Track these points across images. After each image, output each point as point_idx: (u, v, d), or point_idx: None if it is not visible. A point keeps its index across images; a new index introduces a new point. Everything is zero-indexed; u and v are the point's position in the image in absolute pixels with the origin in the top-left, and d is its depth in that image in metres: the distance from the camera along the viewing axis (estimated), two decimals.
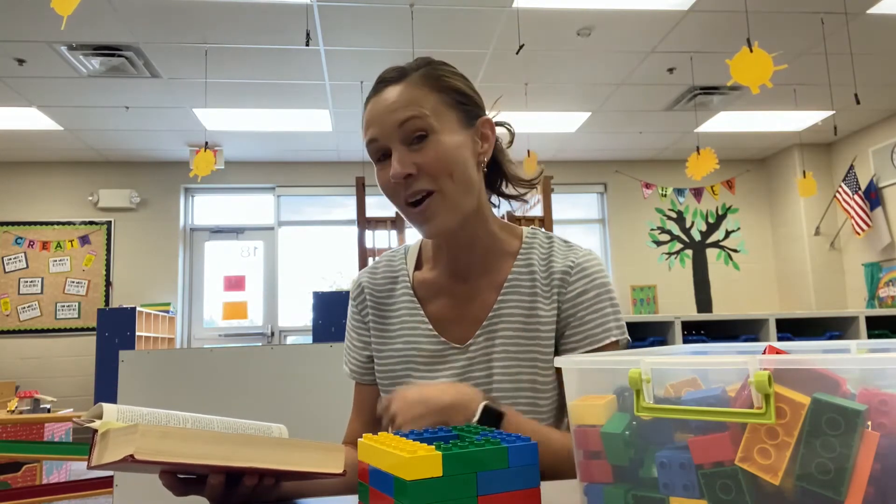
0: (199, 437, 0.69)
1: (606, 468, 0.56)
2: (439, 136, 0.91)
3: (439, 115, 0.92)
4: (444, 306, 1.01)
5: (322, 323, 4.03)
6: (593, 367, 0.60)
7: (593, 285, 0.97)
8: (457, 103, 0.95)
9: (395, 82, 0.94)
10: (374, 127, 0.93)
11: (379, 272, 1.08)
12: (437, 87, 0.94)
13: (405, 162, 0.90)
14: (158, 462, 0.66)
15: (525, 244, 1.02)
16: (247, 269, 6.86)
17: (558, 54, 4.63)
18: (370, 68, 4.74)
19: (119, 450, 0.66)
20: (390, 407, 0.82)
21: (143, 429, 0.66)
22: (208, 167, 4.43)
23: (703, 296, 7.13)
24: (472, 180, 0.94)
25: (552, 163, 7.09)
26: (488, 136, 0.98)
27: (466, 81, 0.99)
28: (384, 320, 1.05)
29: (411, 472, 0.54)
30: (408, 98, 0.91)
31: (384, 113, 0.92)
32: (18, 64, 4.44)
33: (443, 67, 0.98)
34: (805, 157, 6.90)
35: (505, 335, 0.97)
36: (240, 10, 3.91)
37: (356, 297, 1.08)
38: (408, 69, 0.96)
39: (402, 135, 0.91)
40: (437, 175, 0.90)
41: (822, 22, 4.24)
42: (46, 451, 3.55)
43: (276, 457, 0.73)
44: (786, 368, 0.46)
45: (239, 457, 0.71)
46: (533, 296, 0.98)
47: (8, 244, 6.41)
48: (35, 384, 6.02)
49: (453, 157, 0.91)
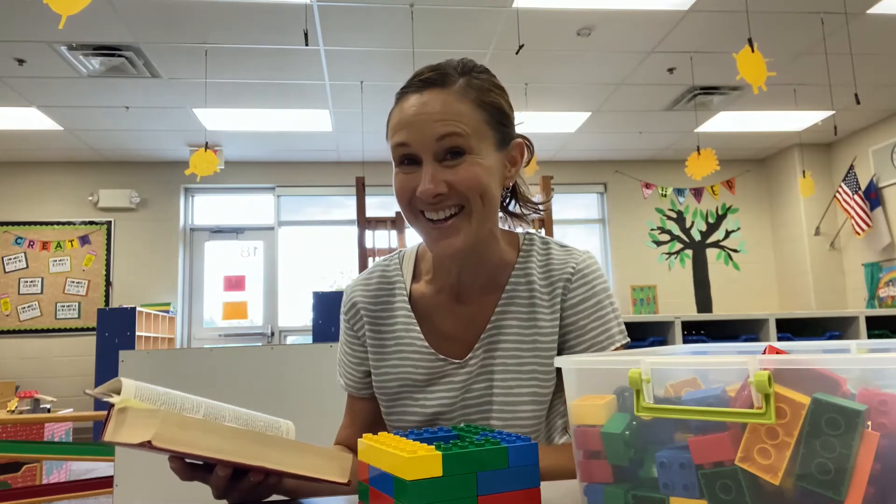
0: (216, 431, 0.71)
1: (606, 468, 0.56)
2: (476, 158, 0.87)
3: (480, 134, 0.88)
4: (442, 322, 0.98)
5: (322, 323, 4.03)
6: (593, 367, 0.60)
7: (594, 292, 0.96)
8: (496, 123, 0.91)
9: (438, 86, 0.88)
10: (409, 132, 0.87)
11: (373, 284, 1.03)
12: (481, 102, 0.89)
13: (437, 180, 0.86)
14: (174, 451, 0.68)
15: (523, 252, 1.00)
16: (247, 269, 6.86)
17: (558, 54, 4.63)
18: (370, 68, 4.74)
19: (137, 432, 0.68)
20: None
21: (163, 415, 0.68)
22: (209, 167, 4.43)
23: (703, 296, 7.14)
24: (496, 205, 0.92)
25: (552, 163, 7.09)
26: (517, 161, 0.95)
27: (506, 96, 0.95)
28: (380, 336, 1.01)
29: (411, 472, 0.54)
30: (452, 111, 0.86)
31: (425, 121, 0.86)
32: (18, 64, 4.44)
33: (485, 78, 0.93)
34: (805, 157, 6.90)
35: (504, 347, 0.95)
36: (240, 10, 3.91)
37: (349, 312, 1.04)
38: (451, 74, 0.90)
39: (439, 148, 0.86)
40: (469, 197, 0.87)
41: (822, 22, 4.24)
42: (46, 451, 3.55)
43: (286, 459, 0.74)
44: (786, 368, 0.46)
45: (251, 455, 0.72)
46: (531, 306, 0.96)
47: (8, 244, 6.41)
48: (35, 384, 6.02)
49: (486, 182, 0.87)
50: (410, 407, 0.98)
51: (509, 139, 0.94)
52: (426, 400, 0.98)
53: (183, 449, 0.68)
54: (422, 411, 0.97)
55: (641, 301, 7.10)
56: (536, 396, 0.94)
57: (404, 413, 0.99)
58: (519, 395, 0.94)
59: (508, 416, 0.95)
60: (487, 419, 0.96)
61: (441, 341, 0.98)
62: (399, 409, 1.00)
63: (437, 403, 0.97)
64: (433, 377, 0.98)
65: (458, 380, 0.97)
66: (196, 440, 0.69)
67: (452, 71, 0.91)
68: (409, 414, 0.98)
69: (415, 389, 0.98)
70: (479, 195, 0.87)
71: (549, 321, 0.95)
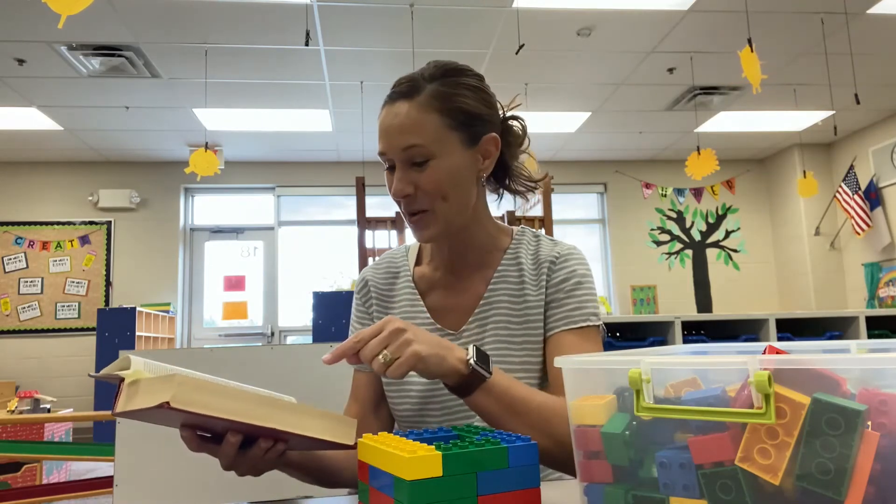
0: (230, 395, 0.73)
1: (606, 468, 0.56)
2: (439, 162, 0.97)
3: (441, 140, 0.97)
4: (441, 297, 1.10)
5: (322, 323, 4.03)
6: (593, 367, 0.60)
7: (575, 274, 1.05)
8: (461, 125, 0.99)
9: (405, 98, 0.98)
10: (383, 142, 1.00)
11: (381, 267, 1.16)
12: (445, 108, 0.98)
13: (405, 182, 0.98)
14: (191, 412, 0.69)
15: (514, 240, 1.11)
16: (247, 269, 6.86)
17: (558, 54, 4.63)
18: (370, 68, 4.74)
19: (153, 397, 0.69)
20: (385, 330, 0.82)
21: (180, 379, 0.69)
22: (210, 168, 4.42)
23: (703, 296, 7.14)
24: (466, 199, 1.02)
25: (552, 163, 7.09)
26: (490, 153, 1.03)
27: (478, 95, 1.02)
28: (387, 311, 1.13)
29: (411, 472, 0.54)
30: (413, 122, 0.96)
31: (392, 132, 0.98)
32: (18, 64, 4.44)
33: (457, 81, 1.00)
34: (805, 157, 6.90)
35: (495, 321, 1.04)
36: (240, 10, 3.91)
37: (361, 290, 1.16)
38: (420, 84, 0.99)
39: (405, 157, 0.98)
40: (433, 197, 0.98)
41: (822, 22, 4.24)
42: (46, 451, 3.55)
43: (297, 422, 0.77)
44: (786, 368, 0.46)
45: (265, 417, 0.75)
46: (521, 284, 1.06)
47: (8, 244, 6.41)
48: (35, 384, 6.02)
49: (450, 181, 0.99)
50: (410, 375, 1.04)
51: (479, 136, 1.01)
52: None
53: (200, 410, 0.69)
54: (419, 379, 1.04)
55: (641, 301, 7.09)
56: (527, 365, 1.02)
57: (404, 383, 1.06)
58: (511, 364, 1.01)
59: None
60: None
61: (440, 314, 1.09)
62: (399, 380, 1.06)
63: None
64: None
65: None
66: (213, 402, 0.71)
67: (422, 80, 0.99)
68: (408, 383, 1.06)
69: None
70: (440, 197, 0.98)
71: (536, 297, 1.05)
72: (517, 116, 1.09)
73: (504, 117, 1.08)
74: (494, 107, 1.05)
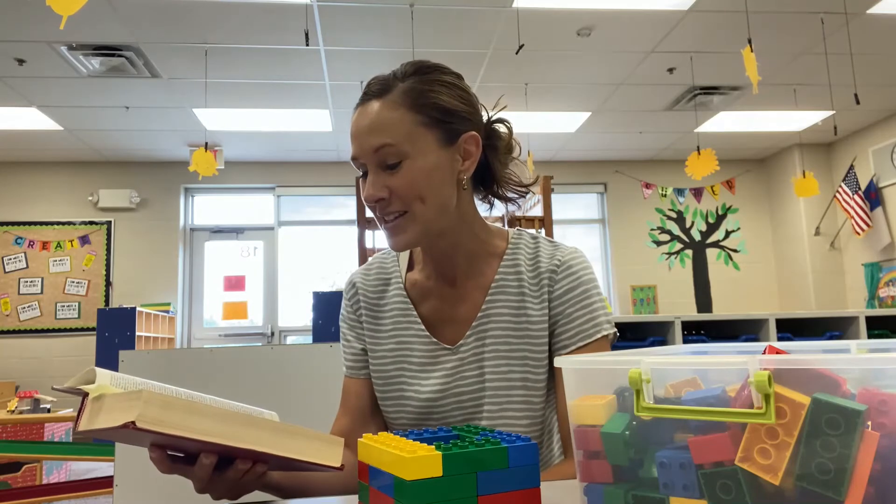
0: (203, 413, 0.66)
1: (606, 468, 0.56)
2: (413, 162, 0.91)
3: (414, 138, 0.91)
4: (435, 308, 1.03)
5: (322, 323, 4.03)
6: (593, 367, 0.60)
7: (580, 282, 0.99)
8: (436, 122, 0.93)
9: (376, 97, 0.93)
10: (354, 145, 0.94)
11: (372, 273, 1.09)
12: (417, 105, 0.92)
13: (377, 185, 0.92)
14: (158, 433, 0.63)
15: (511, 245, 1.03)
16: (247, 269, 6.86)
17: (558, 54, 4.63)
18: (370, 68, 4.74)
19: (118, 415, 0.63)
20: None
21: (146, 396, 0.63)
22: (210, 168, 4.43)
23: (703, 296, 7.14)
24: (445, 200, 0.94)
25: (552, 163, 7.09)
26: (471, 153, 0.96)
27: (454, 92, 0.96)
28: (376, 320, 1.06)
29: (411, 472, 0.54)
30: (383, 121, 0.91)
31: (362, 134, 0.92)
32: (18, 64, 4.44)
33: (431, 78, 0.95)
34: (805, 157, 6.90)
35: (495, 335, 0.99)
36: (240, 10, 3.91)
37: (349, 293, 1.10)
38: (392, 83, 0.94)
39: (377, 159, 0.92)
40: (408, 199, 0.92)
41: (822, 22, 4.24)
42: (46, 451, 3.55)
43: (278, 442, 0.70)
44: (786, 368, 0.46)
45: (241, 437, 0.68)
46: (521, 295, 1.00)
47: (8, 244, 6.41)
48: (35, 384, 6.01)
49: (425, 182, 0.92)
50: (406, 392, 1.01)
51: (458, 133, 0.95)
52: (420, 385, 1.00)
53: (169, 430, 0.63)
54: (416, 396, 1.00)
55: (641, 301, 7.09)
56: (528, 382, 0.97)
57: (400, 398, 1.02)
58: (511, 381, 0.97)
59: (502, 401, 0.97)
60: (480, 405, 0.99)
61: (434, 326, 1.02)
62: (395, 394, 1.02)
63: (431, 389, 1.00)
64: (427, 361, 1.01)
65: (450, 366, 1.00)
66: (182, 421, 0.64)
67: (395, 79, 0.94)
68: (404, 399, 1.01)
69: (409, 374, 1.01)
70: (417, 199, 0.92)
71: (538, 310, 0.99)
72: (503, 119, 1.03)
73: (489, 119, 1.02)
74: (474, 105, 0.98)
